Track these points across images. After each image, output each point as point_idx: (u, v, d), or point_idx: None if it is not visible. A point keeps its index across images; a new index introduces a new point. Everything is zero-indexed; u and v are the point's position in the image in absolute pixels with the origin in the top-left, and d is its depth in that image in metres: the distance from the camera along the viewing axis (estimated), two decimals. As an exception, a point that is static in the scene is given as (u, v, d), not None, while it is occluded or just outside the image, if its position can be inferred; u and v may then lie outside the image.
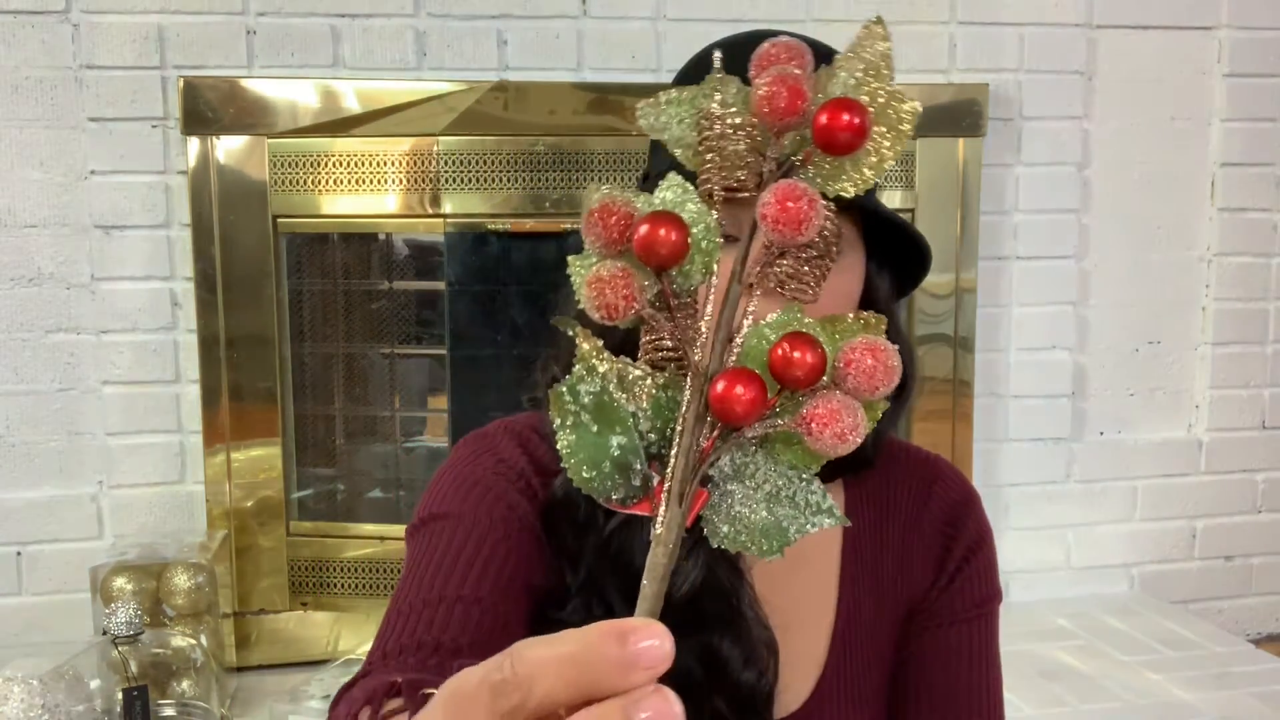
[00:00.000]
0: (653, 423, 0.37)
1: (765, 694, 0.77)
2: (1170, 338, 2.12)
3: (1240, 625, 2.18)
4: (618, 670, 0.29)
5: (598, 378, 0.36)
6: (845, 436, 0.34)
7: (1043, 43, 1.99)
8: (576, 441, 0.36)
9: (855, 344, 0.35)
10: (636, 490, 0.36)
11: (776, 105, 0.35)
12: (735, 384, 0.34)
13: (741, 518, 0.37)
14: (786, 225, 0.34)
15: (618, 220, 0.35)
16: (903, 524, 0.88)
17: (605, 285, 0.34)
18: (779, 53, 0.37)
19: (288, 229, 1.79)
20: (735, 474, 0.37)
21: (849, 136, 0.34)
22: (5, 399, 1.77)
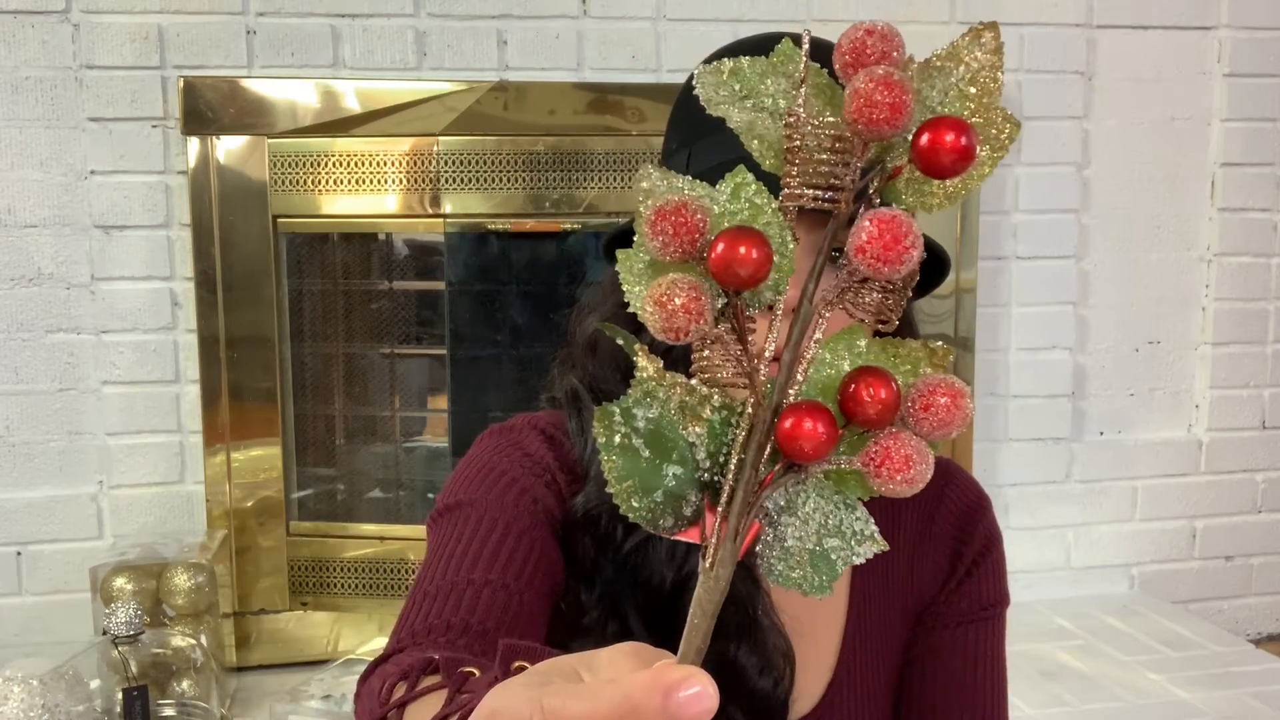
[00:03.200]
0: (707, 449, 0.34)
1: (781, 701, 0.77)
2: (1170, 338, 2.12)
3: (1240, 625, 2.18)
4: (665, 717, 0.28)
5: (657, 404, 0.34)
6: (914, 481, 0.33)
7: (1043, 43, 1.99)
8: (626, 467, 0.34)
9: (931, 383, 0.33)
10: (686, 520, 0.35)
11: (875, 117, 0.31)
12: (805, 419, 0.32)
13: (794, 552, 0.36)
14: (885, 263, 0.31)
15: (690, 228, 0.32)
16: (914, 527, 0.88)
17: (677, 309, 0.32)
18: (873, 45, 0.32)
19: (288, 229, 1.79)
20: (787, 506, 0.35)
21: (954, 160, 0.31)
22: (5, 399, 1.77)
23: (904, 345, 0.35)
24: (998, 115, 0.35)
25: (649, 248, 0.33)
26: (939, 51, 0.35)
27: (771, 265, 0.32)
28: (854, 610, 0.86)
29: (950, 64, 0.35)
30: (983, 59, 0.35)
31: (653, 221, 0.32)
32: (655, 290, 0.32)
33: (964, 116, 0.33)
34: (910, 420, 0.33)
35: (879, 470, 0.33)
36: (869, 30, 0.32)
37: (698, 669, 0.29)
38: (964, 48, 0.35)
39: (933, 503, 0.89)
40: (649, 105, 1.82)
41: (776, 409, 0.33)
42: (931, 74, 0.34)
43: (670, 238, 0.32)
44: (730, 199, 0.34)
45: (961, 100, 0.34)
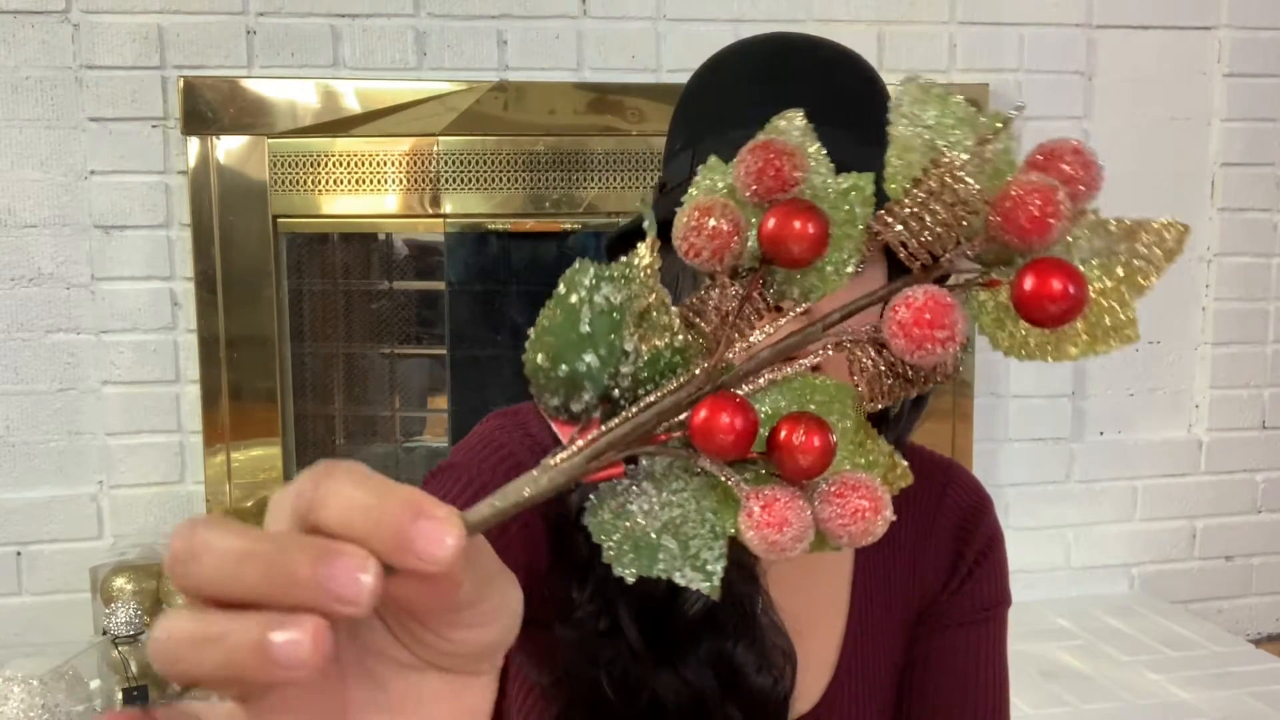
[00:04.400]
0: (636, 369, 0.32)
1: (780, 700, 0.77)
2: (1170, 338, 2.12)
3: (1240, 625, 2.18)
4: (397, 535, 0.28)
5: (627, 294, 0.32)
6: (775, 547, 0.30)
7: (1043, 43, 1.99)
8: (558, 325, 0.32)
9: (860, 482, 0.31)
10: (569, 413, 0.32)
11: (1014, 217, 0.29)
12: (730, 414, 0.30)
13: (629, 517, 0.33)
14: (911, 339, 0.29)
15: (783, 176, 0.31)
16: (916, 527, 0.88)
17: (709, 229, 0.30)
18: (1070, 161, 0.31)
19: (288, 229, 1.79)
20: (659, 478, 0.33)
21: (1057, 312, 0.29)
22: (5, 399, 1.77)
23: (877, 441, 0.34)
24: (1122, 314, 0.32)
25: (737, 171, 0.32)
26: (1123, 220, 0.33)
27: (819, 258, 0.31)
28: (855, 610, 0.86)
29: (1121, 234, 0.32)
30: (1153, 253, 0.32)
31: (756, 148, 0.31)
32: (704, 201, 0.31)
33: (1094, 290, 0.31)
34: (817, 498, 0.31)
35: (751, 511, 0.31)
36: (1076, 148, 0.31)
37: (459, 522, 0.28)
38: (1146, 230, 0.33)
39: (934, 503, 0.89)
40: (649, 105, 1.82)
41: (718, 386, 0.32)
42: (1098, 229, 0.32)
43: (759, 171, 0.31)
44: (834, 187, 0.33)
45: (1106, 273, 0.32)
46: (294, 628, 0.26)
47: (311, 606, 0.27)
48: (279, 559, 0.27)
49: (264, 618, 0.27)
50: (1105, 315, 0.32)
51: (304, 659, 0.26)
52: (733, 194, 0.32)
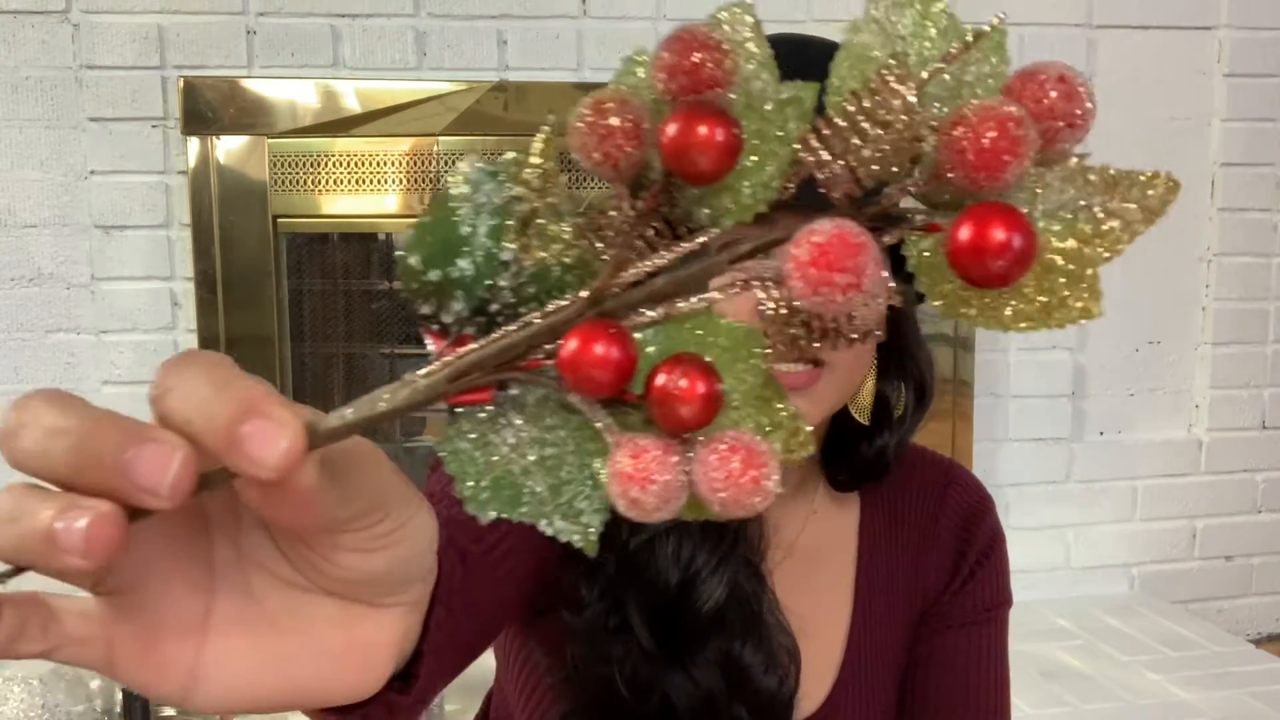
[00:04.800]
0: (515, 281, 0.29)
1: (786, 700, 0.77)
2: (1170, 338, 2.12)
3: (1240, 625, 2.18)
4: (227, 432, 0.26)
5: (513, 194, 0.28)
6: (634, 505, 0.26)
7: (1043, 43, 1.99)
8: (436, 224, 0.28)
9: (743, 441, 0.26)
10: (437, 323, 0.29)
11: (967, 154, 0.25)
12: (607, 345, 0.26)
13: (494, 450, 0.29)
14: (809, 282, 0.24)
15: (713, 75, 0.26)
16: (918, 528, 0.88)
17: (612, 129, 0.26)
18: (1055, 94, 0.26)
19: (288, 229, 1.79)
20: (530, 410, 0.29)
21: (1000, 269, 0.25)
22: (5, 399, 1.77)
23: (784, 400, 0.29)
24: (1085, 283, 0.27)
25: (654, 64, 0.27)
26: (1107, 169, 0.27)
27: (727, 171, 0.26)
28: (858, 610, 0.86)
29: (1101, 185, 0.27)
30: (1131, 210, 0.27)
31: (675, 38, 0.26)
32: (604, 94, 0.26)
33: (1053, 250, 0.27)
34: (696, 455, 0.27)
35: (621, 464, 0.27)
36: (1063, 74, 0.26)
37: (298, 425, 0.26)
38: (1131, 182, 0.27)
39: (936, 503, 0.89)
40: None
41: (600, 314, 0.28)
42: (1075, 178, 0.27)
43: (673, 66, 0.26)
44: (773, 96, 0.28)
45: (1071, 231, 0.27)
46: (78, 514, 0.25)
47: (113, 493, 0.26)
48: (87, 439, 0.26)
49: (59, 500, 0.26)
50: (1065, 282, 0.27)
51: (79, 547, 0.25)
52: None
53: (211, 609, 0.33)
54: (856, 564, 0.87)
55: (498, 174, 0.28)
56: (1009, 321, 0.28)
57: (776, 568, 0.80)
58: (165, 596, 0.32)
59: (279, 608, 0.33)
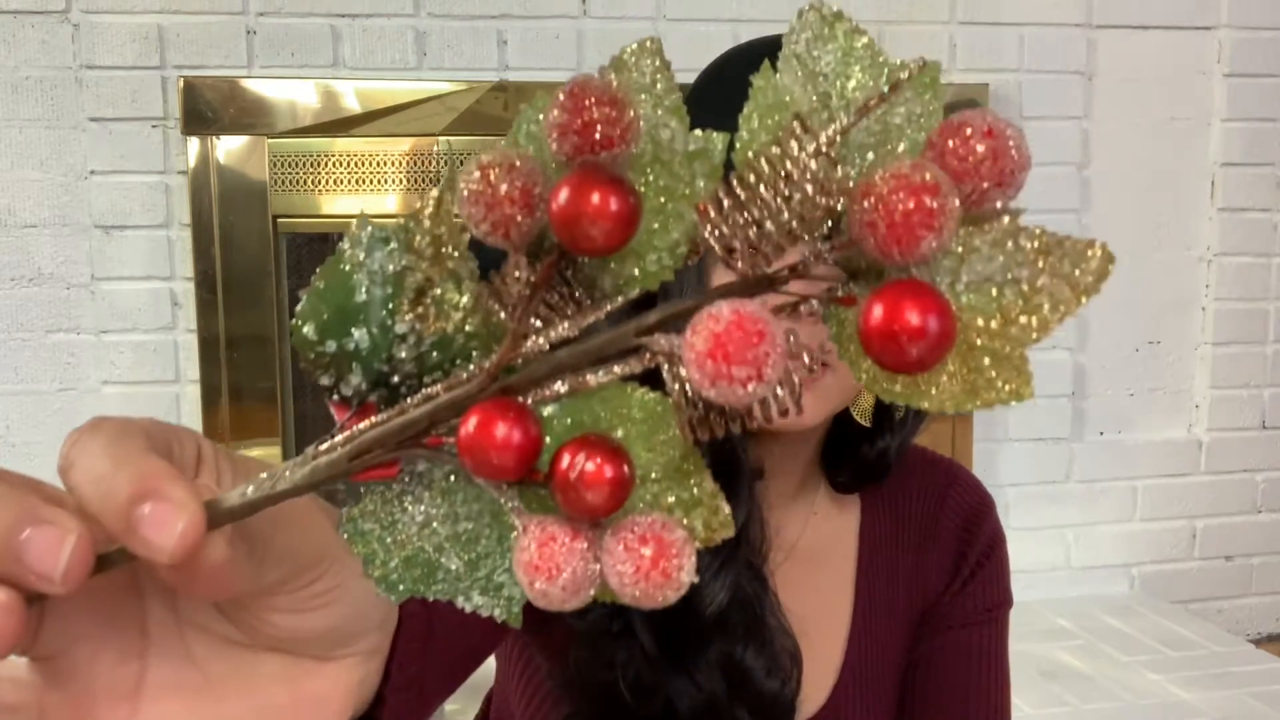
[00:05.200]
0: (414, 350, 0.27)
1: (788, 703, 0.77)
2: (1170, 338, 2.12)
3: (1240, 625, 2.18)
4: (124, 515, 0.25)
5: (407, 262, 0.26)
6: (540, 596, 0.25)
7: (1043, 43, 1.99)
8: (330, 290, 0.26)
9: (650, 530, 0.25)
10: (335, 391, 0.27)
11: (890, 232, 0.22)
12: (507, 426, 0.24)
13: (403, 528, 0.28)
14: (701, 375, 0.22)
15: (607, 120, 0.23)
16: (918, 529, 0.88)
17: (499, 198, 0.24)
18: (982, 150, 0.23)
19: (288, 229, 1.79)
20: (440, 486, 0.28)
21: (916, 355, 0.23)
22: (5, 399, 1.77)
23: (702, 474, 0.27)
24: (1013, 363, 0.24)
25: (546, 119, 0.24)
26: (1041, 232, 0.24)
27: (624, 244, 0.24)
28: (859, 611, 0.86)
29: (1033, 253, 0.24)
30: (1062, 284, 0.24)
31: (568, 92, 0.24)
32: (491, 157, 0.25)
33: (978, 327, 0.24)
34: (604, 540, 0.25)
35: (529, 554, 0.25)
36: (990, 127, 0.23)
37: (195, 508, 0.25)
38: (1065, 250, 0.24)
39: (937, 504, 0.89)
40: (649, 105, 1.81)
41: (505, 389, 0.26)
42: (1003, 242, 0.24)
43: (564, 125, 0.24)
44: (680, 148, 0.25)
45: (998, 306, 0.24)
46: None
47: (9, 577, 0.25)
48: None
49: None
50: (990, 362, 0.25)
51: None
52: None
53: (145, 674, 0.31)
54: (857, 565, 0.87)
55: (389, 240, 0.26)
56: (934, 402, 0.25)
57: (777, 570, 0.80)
58: (96, 663, 0.30)
59: (219, 669, 0.32)
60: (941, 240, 0.22)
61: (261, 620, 0.31)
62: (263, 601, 0.30)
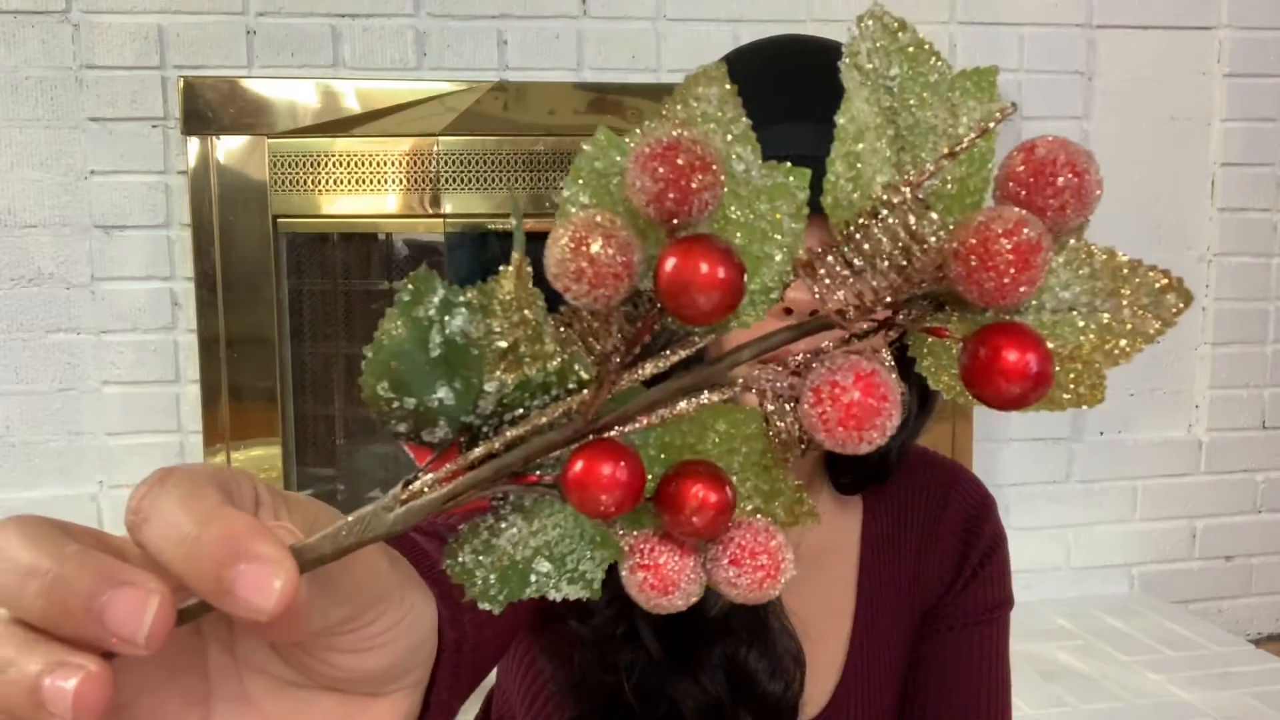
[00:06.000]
0: (500, 400, 0.27)
1: (791, 705, 0.77)
2: (1170, 338, 2.12)
3: (1240, 625, 2.18)
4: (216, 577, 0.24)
5: (484, 326, 0.27)
6: (660, 609, 0.27)
7: (1043, 43, 1.99)
8: (403, 347, 0.26)
9: (756, 542, 0.27)
10: (417, 438, 0.28)
11: (995, 286, 0.23)
12: (612, 467, 0.25)
13: (497, 550, 0.29)
14: (832, 435, 0.24)
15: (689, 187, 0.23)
16: (920, 529, 0.88)
17: (594, 260, 0.24)
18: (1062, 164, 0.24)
19: (288, 229, 1.79)
20: (527, 510, 0.29)
21: (1018, 393, 0.24)
22: (5, 399, 1.77)
23: (784, 469, 0.28)
24: (1089, 379, 0.25)
25: (630, 182, 0.24)
26: (1112, 254, 0.25)
27: (730, 313, 0.24)
28: (860, 612, 0.86)
29: (1106, 274, 0.25)
30: (1143, 317, 0.25)
31: (655, 155, 0.23)
32: (582, 221, 0.24)
33: (1061, 354, 0.25)
34: (711, 554, 0.27)
35: (641, 579, 0.27)
36: (1071, 159, 0.24)
37: (290, 564, 0.25)
38: (1140, 278, 0.25)
39: (939, 504, 0.89)
40: (649, 105, 1.82)
41: (600, 429, 0.27)
42: (1077, 262, 0.25)
43: (659, 194, 0.23)
44: (757, 183, 0.25)
45: (1082, 332, 0.25)
46: (66, 672, 0.24)
47: (89, 640, 0.24)
48: (58, 581, 0.24)
49: (45, 653, 0.24)
50: (1073, 375, 0.26)
51: (66, 711, 0.23)
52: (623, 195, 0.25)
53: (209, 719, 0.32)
54: (859, 566, 0.87)
55: (469, 305, 0.26)
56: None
57: None
58: (162, 714, 0.30)
59: (276, 709, 0.32)
60: (1035, 285, 0.23)
61: (321, 660, 0.31)
62: (323, 642, 0.30)
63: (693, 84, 0.26)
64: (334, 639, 0.30)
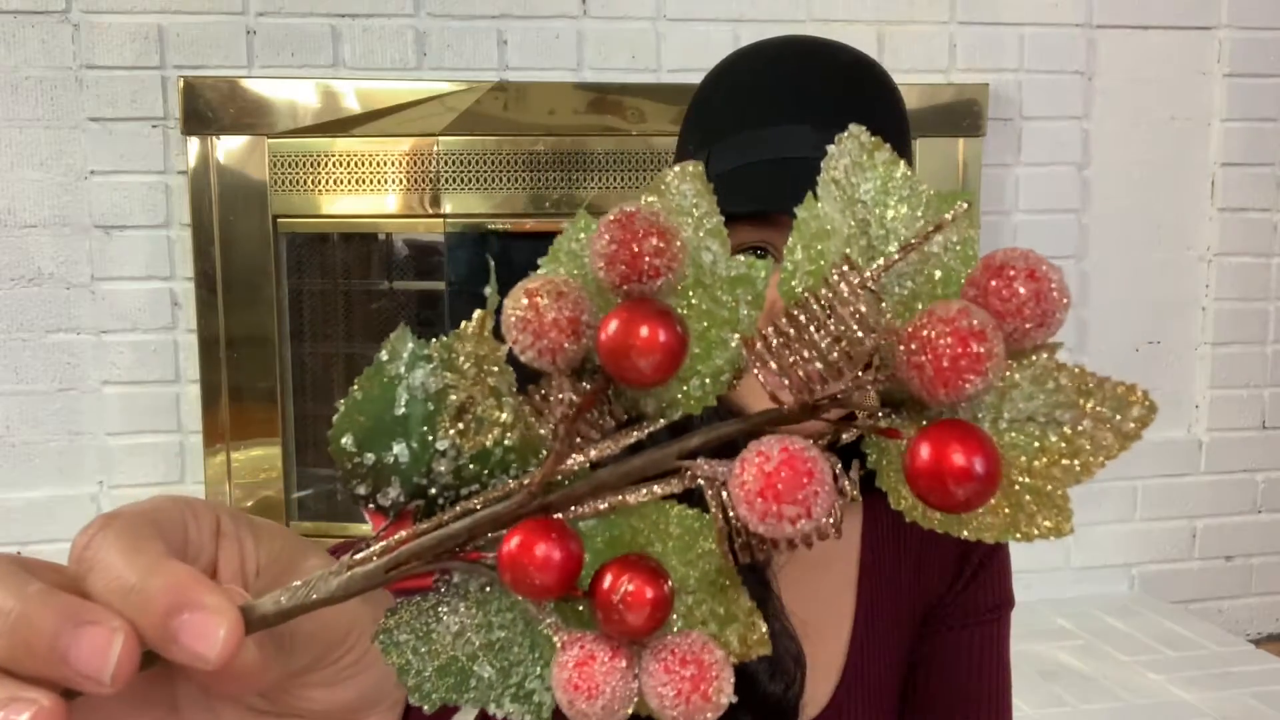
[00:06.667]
0: (454, 465, 0.27)
1: (792, 706, 0.77)
2: (1170, 338, 2.12)
3: (1240, 625, 2.18)
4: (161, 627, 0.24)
5: (447, 382, 0.27)
6: (580, 716, 0.25)
7: (1043, 43, 1.99)
8: (371, 403, 0.27)
9: (690, 651, 0.25)
10: (373, 501, 0.28)
11: (938, 375, 0.22)
12: (547, 547, 0.25)
13: (437, 639, 0.28)
14: (751, 511, 0.23)
15: (642, 254, 0.24)
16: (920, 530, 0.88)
17: (546, 323, 0.24)
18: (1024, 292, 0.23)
19: (288, 229, 1.79)
20: (475, 598, 0.28)
21: (961, 497, 0.23)
22: (5, 399, 1.77)
23: (739, 590, 0.27)
24: (1055, 501, 0.25)
25: (591, 246, 0.25)
26: (1081, 371, 0.25)
27: (670, 376, 0.24)
28: (861, 613, 0.86)
29: (1074, 391, 0.25)
30: (1104, 431, 0.25)
31: (613, 221, 0.25)
32: (535, 283, 0.25)
33: (1018, 468, 0.24)
34: (643, 658, 0.25)
35: (568, 673, 0.25)
36: (1032, 269, 0.23)
37: (233, 616, 0.25)
38: (1106, 393, 0.24)
39: None
40: (649, 105, 1.82)
41: (545, 506, 0.26)
42: (1044, 379, 0.25)
43: (612, 255, 0.24)
44: (722, 273, 0.26)
45: (1042, 445, 0.25)
46: (19, 707, 0.24)
47: (52, 679, 0.24)
48: (20, 621, 0.24)
49: (3, 690, 0.24)
50: (1031, 499, 0.25)
51: None
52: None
53: None
54: (859, 566, 0.87)
55: (430, 358, 0.27)
56: (973, 532, 0.26)
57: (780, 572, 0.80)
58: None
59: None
60: (987, 383, 0.23)
61: (294, 696, 0.31)
62: (294, 680, 0.30)
63: (672, 179, 0.26)
64: (304, 677, 0.30)
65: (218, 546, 0.30)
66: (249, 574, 0.30)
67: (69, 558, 0.26)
